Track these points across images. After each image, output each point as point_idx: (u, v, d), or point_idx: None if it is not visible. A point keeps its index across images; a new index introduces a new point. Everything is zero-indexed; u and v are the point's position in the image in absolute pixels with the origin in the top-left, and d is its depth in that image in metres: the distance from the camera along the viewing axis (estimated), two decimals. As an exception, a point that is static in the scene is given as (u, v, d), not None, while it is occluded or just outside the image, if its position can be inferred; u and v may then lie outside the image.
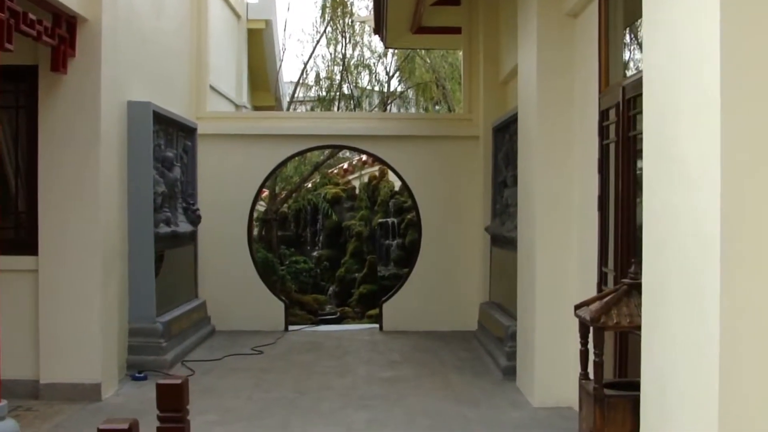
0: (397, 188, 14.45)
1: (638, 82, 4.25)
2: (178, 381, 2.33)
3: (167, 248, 7.71)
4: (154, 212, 7.25)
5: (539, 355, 5.74)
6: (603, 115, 5.04)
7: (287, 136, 9.38)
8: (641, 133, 4.29)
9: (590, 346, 3.74)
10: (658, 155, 3.05)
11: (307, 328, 9.61)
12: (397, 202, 14.33)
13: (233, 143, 9.31)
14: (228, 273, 9.16)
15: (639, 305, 3.49)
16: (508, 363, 6.61)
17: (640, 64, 4.72)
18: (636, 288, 3.58)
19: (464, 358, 7.61)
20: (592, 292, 5.15)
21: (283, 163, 9.99)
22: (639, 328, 3.35)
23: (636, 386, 3.39)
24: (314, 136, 9.48)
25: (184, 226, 8.25)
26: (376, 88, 14.34)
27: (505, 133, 7.95)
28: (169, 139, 8.05)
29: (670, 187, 2.88)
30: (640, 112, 4.31)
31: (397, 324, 9.22)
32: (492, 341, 7.51)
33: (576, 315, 3.71)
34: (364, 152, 9.92)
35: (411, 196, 9.61)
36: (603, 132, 5.04)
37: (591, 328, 3.55)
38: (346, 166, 16.90)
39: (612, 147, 4.88)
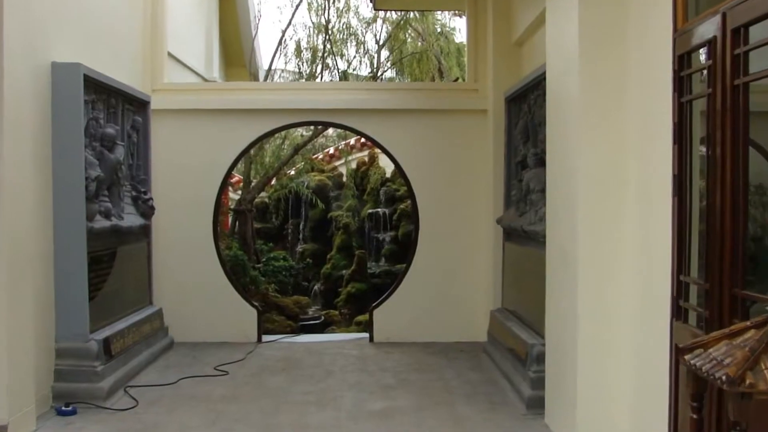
0: (388, 175, 13.30)
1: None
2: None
3: (109, 246, 6.32)
4: (88, 202, 5.86)
5: (583, 388, 4.31)
6: (680, 60, 3.59)
7: (259, 111, 7.92)
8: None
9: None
10: None
11: (284, 339, 8.14)
12: (388, 191, 13.16)
13: (195, 120, 7.90)
14: (190, 274, 7.79)
15: (804, 352, 2.08)
16: (533, 392, 5.20)
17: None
18: (795, 322, 2.16)
19: (474, 381, 6.17)
20: (661, 307, 3.74)
21: (254, 144, 8.49)
22: (811, 392, 1.95)
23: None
24: (291, 111, 7.98)
25: (131, 219, 6.84)
26: (365, 61, 12.77)
27: (522, 103, 6.53)
28: (112, 113, 6.63)
29: None
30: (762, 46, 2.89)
31: (390, 334, 7.80)
32: (508, 360, 6.09)
33: (688, 365, 2.28)
34: (350, 129, 8.42)
35: (406, 181, 8.12)
36: (681, 85, 3.59)
37: (718, 389, 2.12)
38: (332, 150, 15.52)
39: (698, 105, 3.44)
